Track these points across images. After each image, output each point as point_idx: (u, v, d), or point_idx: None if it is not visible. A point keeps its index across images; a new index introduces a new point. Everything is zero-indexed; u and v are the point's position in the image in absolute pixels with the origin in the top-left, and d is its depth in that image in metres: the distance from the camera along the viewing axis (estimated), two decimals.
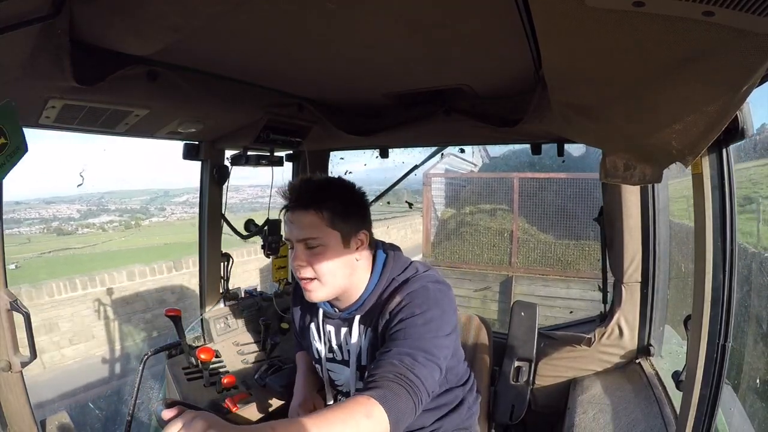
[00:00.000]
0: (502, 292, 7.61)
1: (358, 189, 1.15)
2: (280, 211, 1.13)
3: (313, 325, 1.26)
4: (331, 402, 1.26)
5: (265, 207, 2.14)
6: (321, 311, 1.21)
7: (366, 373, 1.12)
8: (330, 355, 1.22)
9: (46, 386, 4.69)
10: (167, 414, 0.78)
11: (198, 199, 1.83)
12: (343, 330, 1.17)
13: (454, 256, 8.40)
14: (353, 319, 1.15)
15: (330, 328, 1.20)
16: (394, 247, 1.22)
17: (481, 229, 8.39)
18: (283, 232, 2.02)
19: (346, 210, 1.08)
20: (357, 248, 1.11)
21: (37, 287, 5.47)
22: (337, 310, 1.19)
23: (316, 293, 1.09)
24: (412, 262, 1.19)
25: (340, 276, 1.09)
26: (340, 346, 1.19)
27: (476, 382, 1.35)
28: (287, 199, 1.09)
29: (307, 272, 1.06)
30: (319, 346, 1.23)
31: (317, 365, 1.27)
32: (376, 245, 1.19)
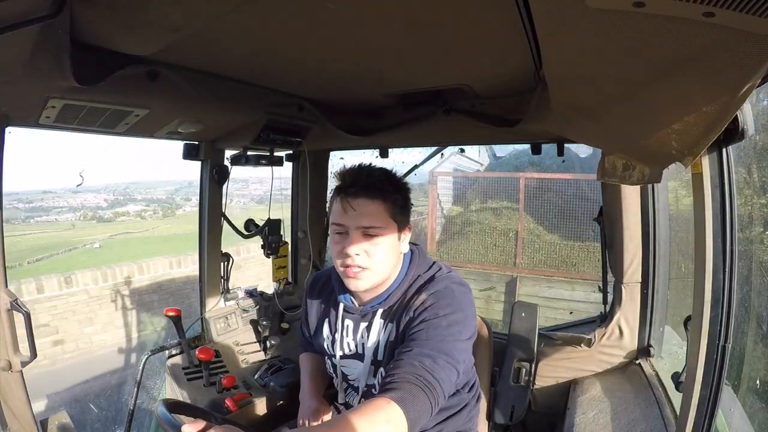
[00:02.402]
0: (506, 292, 7.60)
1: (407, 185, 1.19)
2: (334, 193, 1.11)
3: (329, 320, 1.25)
4: (342, 396, 1.26)
5: (290, 199, 2.17)
6: (341, 305, 1.20)
7: (381, 369, 1.12)
8: (341, 352, 1.21)
9: None
10: (189, 429, 0.77)
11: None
12: (363, 325, 1.17)
13: (458, 255, 8.40)
14: (375, 313, 1.14)
15: (349, 322, 1.19)
16: (417, 245, 1.23)
17: (487, 229, 8.38)
18: (283, 231, 2.04)
19: (404, 203, 1.12)
20: (402, 242, 1.13)
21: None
22: (357, 303, 1.19)
23: (364, 282, 1.08)
24: (435, 261, 1.20)
25: (388, 267, 1.10)
26: (356, 341, 1.18)
27: (478, 384, 1.35)
28: (347, 184, 1.08)
29: (361, 260, 1.06)
30: (335, 340, 1.22)
31: (329, 360, 1.26)
32: None
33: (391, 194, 1.08)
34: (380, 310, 1.14)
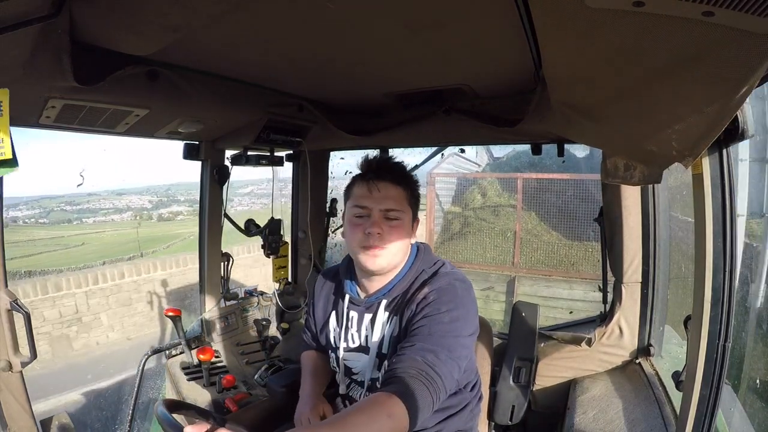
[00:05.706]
0: (506, 292, 7.60)
1: None
2: (356, 180, 1.18)
3: (335, 313, 1.27)
4: (344, 390, 1.26)
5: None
6: (347, 297, 1.23)
7: (385, 363, 1.14)
8: (345, 344, 1.22)
9: None
10: (192, 430, 0.78)
11: (264, 191, 1.88)
12: (367, 317, 1.19)
13: (457, 255, 8.41)
14: (379, 305, 1.17)
15: (354, 314, 1.22)
16: (424, 243, 1.28)
17: (485, 229, 8.40)
18: (283, 231, 2.04)
19: (417, 195, 1.22)
20: (414, 231, 1.20)
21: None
22: (363, 295, 1.22)
23: (381, 259, 1.13)
24: (440, 258, 1.23)
25: (401, 251, 1.16)
26: (360, 334, 1.20)
27: (480, 384, 1.35)
28: (373, 168, 1.17)
29: (381, 240, 1.11)
30: (339, 333, 1.24)
31: (333, 354, 1.27)
32: None
33: (410, 183, 1.18)
34: (384, 302, 1.16)
